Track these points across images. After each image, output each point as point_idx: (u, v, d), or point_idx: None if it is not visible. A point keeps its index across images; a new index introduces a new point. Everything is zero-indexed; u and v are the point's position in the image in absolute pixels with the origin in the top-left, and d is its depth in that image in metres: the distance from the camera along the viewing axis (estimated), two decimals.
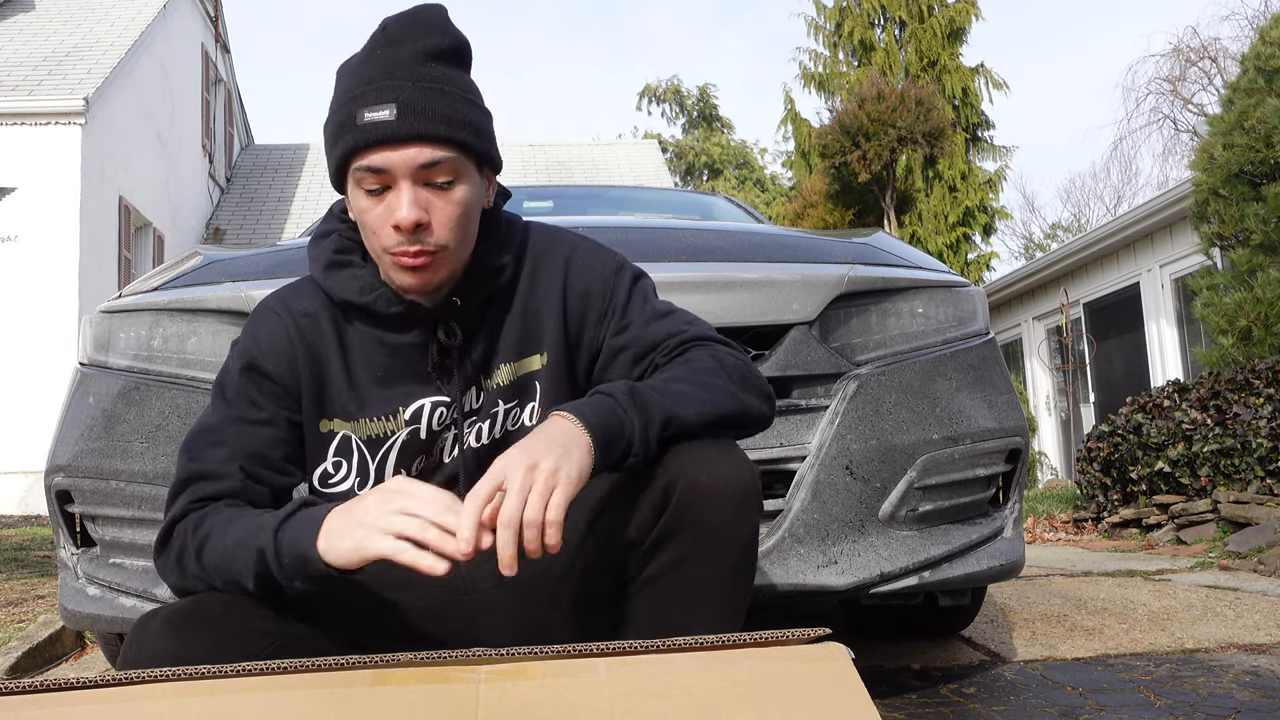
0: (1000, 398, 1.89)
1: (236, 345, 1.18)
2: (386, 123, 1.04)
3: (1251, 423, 4.66)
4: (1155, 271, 9.15)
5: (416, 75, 1.06)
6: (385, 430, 1.17)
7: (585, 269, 1.22)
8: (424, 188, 1.06)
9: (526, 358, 1.20)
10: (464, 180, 1.09)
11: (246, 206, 14.62)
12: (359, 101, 1.05)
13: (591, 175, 15.78)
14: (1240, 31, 21.89)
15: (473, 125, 1.09)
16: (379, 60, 1.07)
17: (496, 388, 1.19)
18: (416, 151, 1.05)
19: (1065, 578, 3.62)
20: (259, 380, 1.14)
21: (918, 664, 2.14)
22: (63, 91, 9.98)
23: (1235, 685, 1.85)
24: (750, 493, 1.09)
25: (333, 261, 1.16)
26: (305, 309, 1.18)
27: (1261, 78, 5.98)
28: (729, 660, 0.95)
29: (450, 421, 1.18)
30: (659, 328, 1.19)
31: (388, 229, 1.07)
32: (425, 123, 1.04)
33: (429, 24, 1.10)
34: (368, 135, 1.04)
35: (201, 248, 1.98)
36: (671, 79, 27.79)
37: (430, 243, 1.07)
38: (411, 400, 1.17)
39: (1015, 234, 27.55)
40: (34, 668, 2.46)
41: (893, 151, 13.19)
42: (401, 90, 1.05)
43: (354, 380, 1.17)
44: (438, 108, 1.06)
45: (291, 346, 1.16)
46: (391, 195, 1.06)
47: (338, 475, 1.18)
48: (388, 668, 0.93)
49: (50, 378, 8.49)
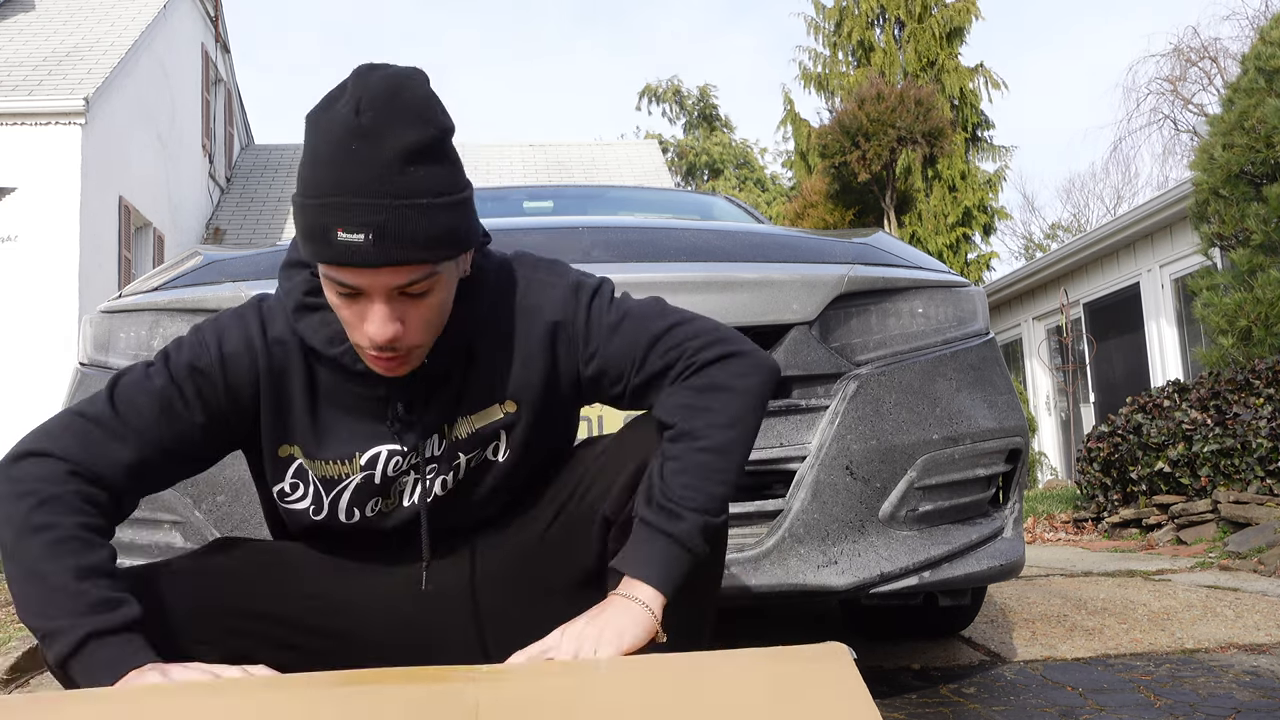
0: (1000, 398, 1.89)
1: (199, 334, 1.14)
2: (360, 248, 0.97)
3: (1251, 423, 4.66)
4: (1155, 271, 9.15)
5: (393, 189, 0.97)
6: (340, 473, 1.16)
7: (543, 302, 1.17)
8: (398, 298, 1.02)
9: (487, 408, 1.18)
10: (440, 285, 1.05)
11: (246, 206, 14.62)
12: (332, 215, 0.98)
13: (592, 175, 15.77)
14: (1241, 31, 21.88)
15: (451, 237, 1.03)
16: (353, 161, 0.97)
17: (457, 439, 1.17)
18: (391, 275, 1.00)
19: (1065, 578, 3.62)
20: (204, 385, 1.11)
21: (918, 664, 2.14)
22: (63, 91, 9.98)
23: (1235, 685, 1.85)
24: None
25: (303, 304, 1.11)
26: (279, 335, 1.14)
27: (1262, 78, 5.98)
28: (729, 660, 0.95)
29: (408, 468, 1.17)
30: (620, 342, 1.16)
31: (359, 330, 1.04)
32: (401, 251, 0.98)
33: (410, 112, 0.99)
34: (341, 257, 0.98)
35: (201, 248, 1.98)
36: (672, 79, 27.77)
37: (403, 346, 1.05)
38: (368, 447, 1.15)
39: (1015, 234, 27.56)
40: (34, 668, 2.46)
41: (892, 151, 13.19)
42: (377, 213, 0.97)
43: (316, 417, 1.15)
44: (417, 231, 0.98)
45: (254, 370, 1.13)
46: (364, 303, 1.02)
47: (294, 495, 1.18)
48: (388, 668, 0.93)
49: (50, 378, 8.48)
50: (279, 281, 1.16)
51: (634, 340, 1.16)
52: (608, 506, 1.17)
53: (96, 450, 1.05)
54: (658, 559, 1.06)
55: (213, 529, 1.63)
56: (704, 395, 1.12)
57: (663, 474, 1.10)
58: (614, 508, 1.16)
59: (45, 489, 1.01)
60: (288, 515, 1.21)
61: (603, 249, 1.79)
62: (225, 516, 1.64)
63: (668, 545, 1.07)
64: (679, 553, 1.07)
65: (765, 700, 0.87)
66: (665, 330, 1.16)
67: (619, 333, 1.16)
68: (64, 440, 1.05)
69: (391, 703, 0.86)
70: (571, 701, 0.88)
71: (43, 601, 0.97)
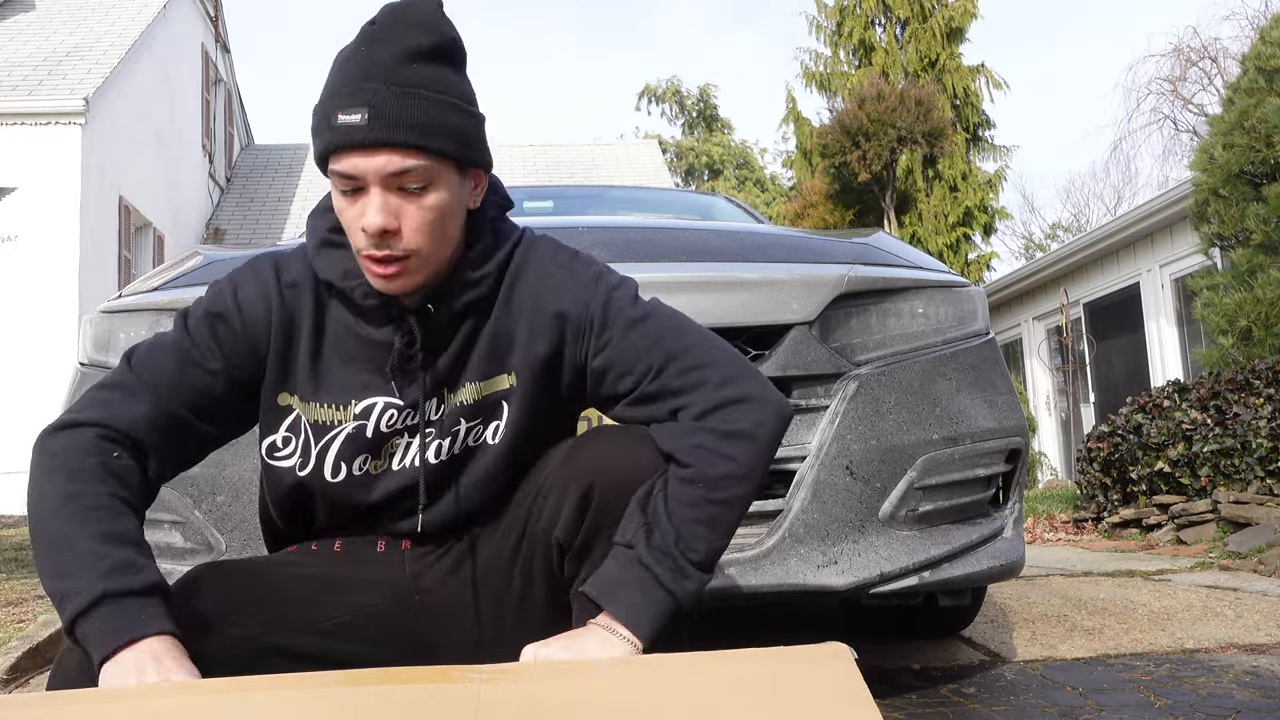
0: (1000, 398, 1.89)
1: (215, 286, 1.17)
2: (357, 127, 1.02)
3: (1251, 423, 4.66)
4: (1155, 271, 9.15)
5: (394, 78, 1.03)
6: (333, 419, 1.15)
7: (560, 285, 1.17)
8: (396, 192, 1.04)
9: (494, 378, 1.16)
10: (439, 186, 1.06)
11: (246, 206, 14.62)
12: (335, 102, 1.04)
13: (591, 175, 15.77)
14: (1241, 31, 21.90)
15: (450, 129, 1.05)
16: (361, 58, 1.05)
17: (460, 405, 1.16)
18: (386, 159, 1.02)
19: (1065, 578, 3.62)
20: (221, 330, 1.13)
21: (918, 664, 2.14)
22: (63, 91, 9.98)
23: (1235, 685, 1.85)
24: None
25: (325, 240, 1.15)
26: (293, 279, 1.16)
27: (1262, 77, 5.98)
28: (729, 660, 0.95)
29: (403, 427, 1.15)
30: (637, 339, 1.14)
31: (358, 231, 1.06)
32: (395, 130, 1.02)
33: (417, 20, 1.06)
34: (339, 138, 1.03)
35: (201, 248, 1.98)
36: (671, 79, 27.80)
37: (399, 248, 1.05)
38: (365, 395, 1.14)
39: (1015, 234, 27.57)
40: (34, 668, 2.46)
41: (893, 151, 13.19)
42: (375, 94, 1.02)
43: (318, 362, 1.15)
44: (411, 114, 1.03)
45: (269, 314, 1.14)
46: (364, 198, 1.05)
47: (284, 450, 1.17)
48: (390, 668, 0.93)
49: (50, 378, 8.48)
50: (307, 225, 1.19)
51: (650, 346, 1.13)
52: (559, 531, 1.11)
53: (117, 409, 1.07)
54: (654, 613, 1.02)
55: (213, 529, 1.63)
56: (725, 442, 1.08)
57: (670, 515, 1.05)
58: (566, 533, 1.11)
59: (73, 460, 1.03)
60: (274, 478, 1.18)
61: (603, 249, 1.79)
62: (225, 516, 1.64)
63: (667, 600, 1.03)
64: (674, 608, 1.04)
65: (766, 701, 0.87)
66: (685, 348, 1.13)
67: (636, 331, 1.14)
68: (88, 410, 1.07)
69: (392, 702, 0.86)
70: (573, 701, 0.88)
71: (63, 565, 0.98)
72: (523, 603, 1.19)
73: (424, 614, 1.19)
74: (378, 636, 1.17)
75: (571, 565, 1.12)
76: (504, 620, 1.20)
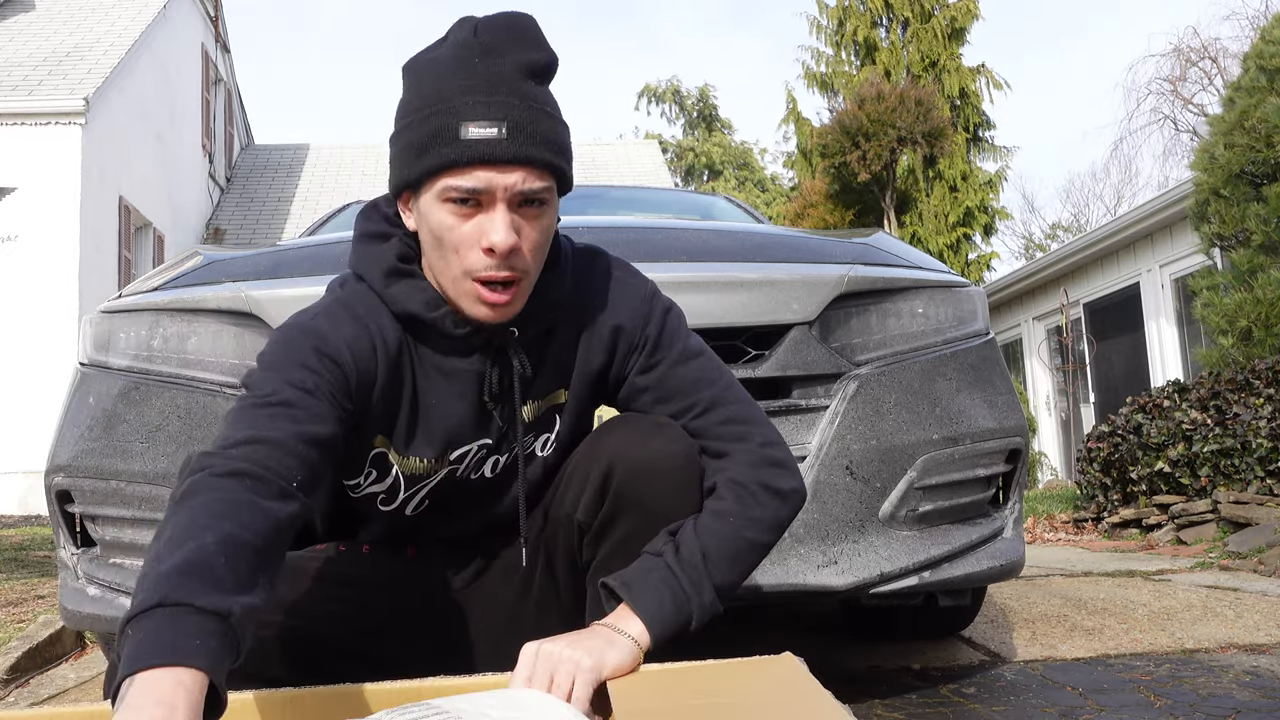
0: (1000, 398, 1.89)
1: (298, 327, 1.06)
2: (496, 141, 0.96)
3: (1251, 423, 4.66)
4: (1155, 271, 9.15)
5: (522, 93, 0.99)
6: (430, 470, 1.13)
7: (618, 300, 1.16)
8: (519, 208, 1.00)
9: (553, 393, 1.16)
10: (551, 206, 1.04)
11: (246, 206, 14.62)
12: (463, 115, 0.97)
13: (591, 175, 15.77)
14: (1241, 31, 21.89)
15: (569, 152, 1.04)
16: (479, 70, 0.98)
17: (524, 421, 1.15)
18: (522, 176, 0.98)
19: (1065, 578, 3.62)
20: (332, 369, 1.02)
21: (918, 664, 2.14)
22: (63, 91, 9.98)
23: (1235, 685, 1.85)
24: (689, 467, 1.10)
25: (396, 269, 1.07)
26: (385, 324, 1.07)
27: (1263, 77, 5.98)
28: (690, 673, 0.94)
29: (482, 457, 1.16)
30: (687, 373, 1.15)
31: (476, 251, 1.00)
32: (534, 147, 0.98)
33: (527, 36, 1.02)
34: (471, 152, 0.96)
35: (201, 248, 1.98)
36: (671, 79, 27.79)
37: (518, 268, 1.01)
38: (461, 444, 1.12)
39: (1015, 234, 27.59)
40: (34, 668, 2.46)
41: (892, 152, 13.19)
42: (511, 109, 0.97)
43: (416, 415, 1.10)
44: (545, 131, 0.99)
45: (374, 355, 1.06)
46: (483, 216, 0.99)
47: (367, 482, 1.14)
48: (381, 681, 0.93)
49: (50, 378, 8.49)
50: (356, 259, 1.10)
51: (698, 382, 1.14)
52: (580, 514, 1.13)
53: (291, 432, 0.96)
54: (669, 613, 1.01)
55: None
56: (765, 492, 1.10)
57: (699, 536, 1.06)
58: (586, 515, 1.12)
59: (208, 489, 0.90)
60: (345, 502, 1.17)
61: (603, 249, 1.79)
62: None
63: (684, 605, 1.03)
64: (687, 619, 1.03)
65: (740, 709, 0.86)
66: (734, 399, 1.15)
67: (688, 365, 1.15)
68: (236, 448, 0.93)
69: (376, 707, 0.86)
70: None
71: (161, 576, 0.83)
72: (545, 594, 1.19)
73: (455, 612, 1.20)
74: (412, 637, 1.18)
75: (590, 547, 1.13)
76: (527, 613, 1.20)
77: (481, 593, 1.22)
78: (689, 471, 1.10)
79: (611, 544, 1.10)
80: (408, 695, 0.88)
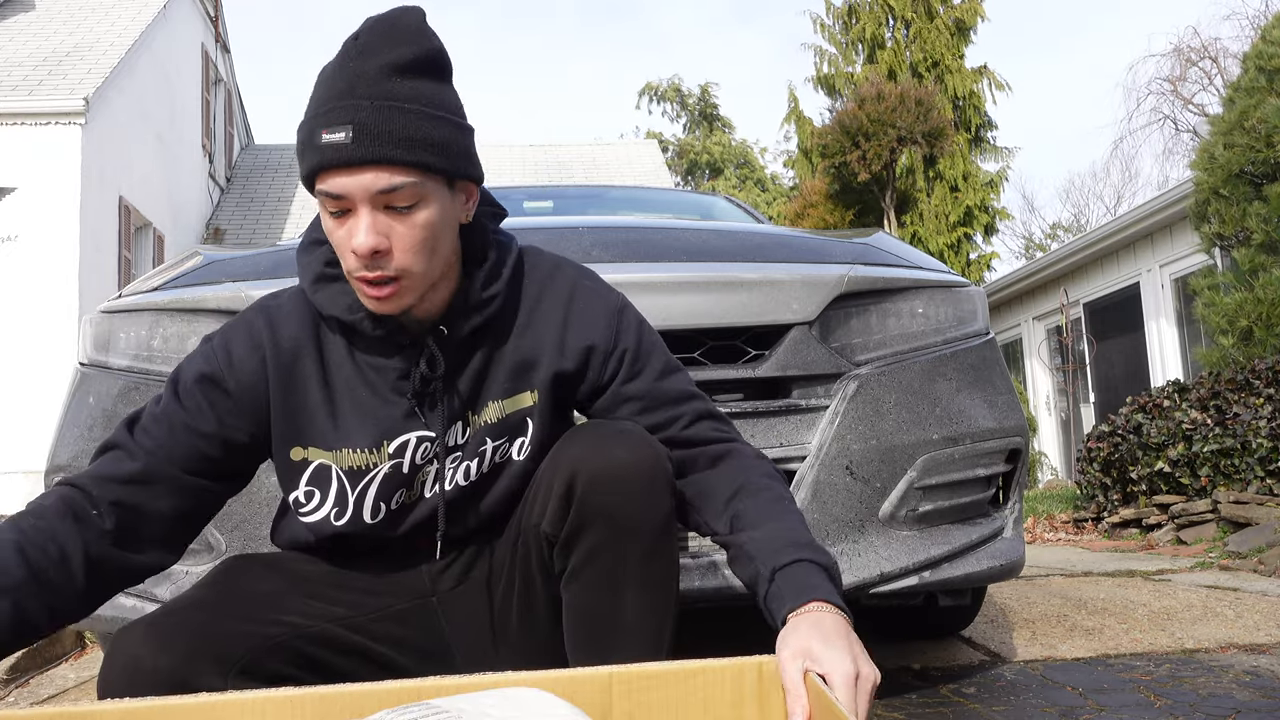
0: (1000, 398, 1.89)
1: (208, 343, 1.15)
2: (342, 145, 0.98)
3: (1251, 423, 4.66)
4: (1155, 271, 9.15)
5: (379, 93, 1.00)
6: (368, 463, 1.13)
7: (587, 311, 1.18)
8: (384, 211, 1.02)
9: (517, 395, 1.16)
10: (429, 202, 1.03)
11: (246, 206, 14.62)
12: (318, 120, 1.00)
13: (592, 175, 15.78)
14: (1241, 31, 21.91)
15: (437, 144, 1.03)
16: (345, 74, 1.01)
17: (485, 425, 1.16)
18: (373, 177, 0.99)
19: (1065, 578, 3.62)
20: (213, 393, 1.11)
21: (918, 664, 2.14)
22: (63, 91, 9.99)
23: (1235, 685, 1.85)
24: (654, 473, 1.09)
25: (322, 275, 1.12)
26: (292, 333, 1.13)
27: (1263, 77, 5.98)
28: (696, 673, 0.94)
29: (433, 456, 1.15)
30: (670, 386, 1.19)
31: (348, 253, 1.03)
32: (380, 147, 0.99)
33: (401, 32, 1.03)
34: (322, 158, 1.00)
35: (201, 248, 1.98)
36: (672, 78, 27.82)
37: (391, 268, 1.03)
38: (396, 434, 1.13)
39: (1015, 234, 27.59)
40: (34, 668, 2.46)
41: (892, 152, 13.20)
42: (359, 111, 0.99)
43: (335, 409, 1.13)
44: (396, 129, 0.99)
45: (264, 372, 1.12)
46: (352, 219, 1.02)
47: (309, 504, 1.15)
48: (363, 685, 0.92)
49: (50, 378, 8.50)
50: (298, 262, 1.16)
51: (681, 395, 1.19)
52: (546, 525, 1.12)
53: (105, 469, 1.08)
54: (836, 587, 1.08)
55: (212, 529, 1.63)
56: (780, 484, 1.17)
57: (781, 516, 1.11)
58: (552, 527, 1.12)
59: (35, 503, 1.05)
60: (305, 531, 1.18)
61: (603, 249, 1.79)
62: (225, 516, 1.64)
63: (835, 572, 1.09)
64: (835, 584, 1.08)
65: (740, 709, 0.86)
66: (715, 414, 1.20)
67: (670, 379, 1.19)
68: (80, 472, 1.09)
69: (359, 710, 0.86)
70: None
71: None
72: (525, 599, 1.19)
73: (442, 616, 1.21)
74: (404, 637, 1.18)
75: (560, 558, 1.12)
76: (509, 618, 1.21)
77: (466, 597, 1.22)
78: (654, 478, 1.09)
79: (580, 555, 1.09)
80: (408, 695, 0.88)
